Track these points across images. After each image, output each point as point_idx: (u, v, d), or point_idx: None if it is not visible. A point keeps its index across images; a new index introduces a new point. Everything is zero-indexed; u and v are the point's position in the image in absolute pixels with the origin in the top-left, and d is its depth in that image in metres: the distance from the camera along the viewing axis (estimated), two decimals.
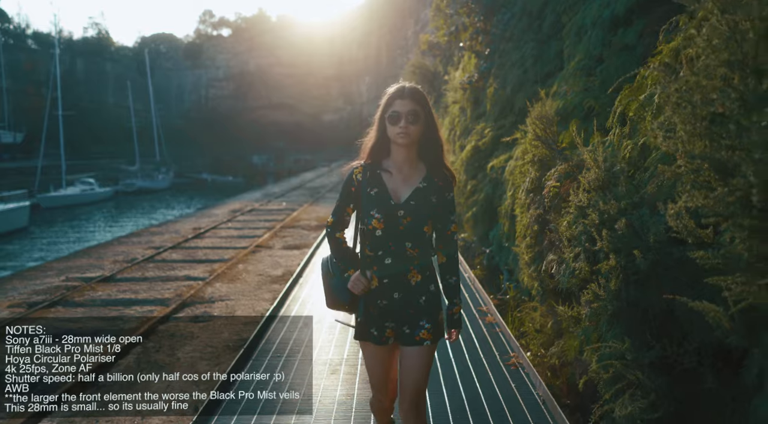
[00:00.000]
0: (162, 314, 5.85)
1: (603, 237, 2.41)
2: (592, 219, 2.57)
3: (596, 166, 2.61)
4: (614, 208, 2.45)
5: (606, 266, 2.39)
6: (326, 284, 2.07)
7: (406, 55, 39.94)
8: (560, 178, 3.20)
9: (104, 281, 7.55)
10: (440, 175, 1.99)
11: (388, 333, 2.00)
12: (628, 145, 2.65)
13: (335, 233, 2.05)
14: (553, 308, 3.48)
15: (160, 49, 71.23)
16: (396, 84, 2.00)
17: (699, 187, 1.59)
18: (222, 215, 15.19)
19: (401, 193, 1.95)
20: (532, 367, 3.50)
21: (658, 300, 2.26)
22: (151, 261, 8.96)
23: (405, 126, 1.90)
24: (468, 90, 10.21)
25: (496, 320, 4.57)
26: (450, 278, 2.04)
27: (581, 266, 2.70)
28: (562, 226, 2.96)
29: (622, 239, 2.36)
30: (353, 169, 2.01)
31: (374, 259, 1.96)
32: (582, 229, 2.68)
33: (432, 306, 2.00)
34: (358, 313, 2.02)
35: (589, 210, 2.61)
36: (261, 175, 48.25)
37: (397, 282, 1.95)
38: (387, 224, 1.92)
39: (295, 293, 5.81)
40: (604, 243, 2.42)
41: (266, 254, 9.33)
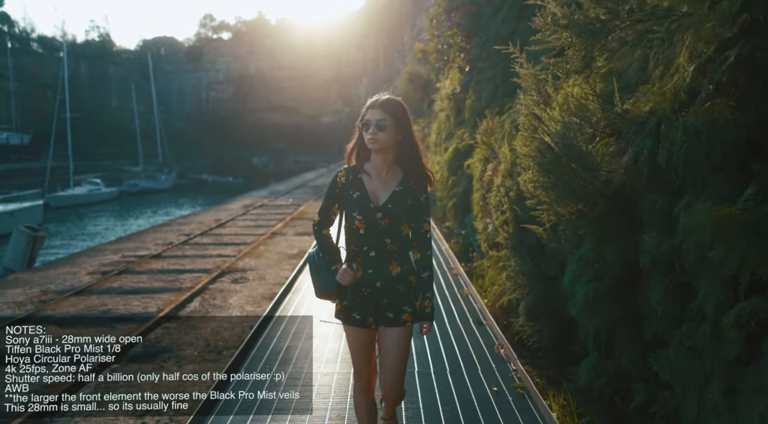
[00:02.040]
0: (209, 278, 7.60)
1: (505, 202, 4.18)
2: (502, 193, 4.34)
3: (505, 161, 4.38)
4: (512, 185, 4.22)
5: (506, 217, 4.15)
6: (314, 276, 2.24)
7: (403, 58, 41.15)
8: (493, 169, 4.96)
9: (154, 258, 9.32)
10: (415, 179, 2.18)
11: (370, 319, 2.18)
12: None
13: (322, 230, 2.23)
14: (491, 257, 5.24)
15: (161, 53, 71.92)
16: (377, 94, 2.20)
17: (526, 168, 3.36)
18: (236, 209, 17.04)
19: (380, 196, 2.15)
20: (478, 296, 5.27)
21: (533, 236, 4.02)
22: (186, 244, 10.74)
23: (373, 133, 2.09)
24: (452, 100, 11.99)
25: (458, 272, 6.36)
26: (423, 273, 2.21)
27: (498, 221, 4.47)
28: (491, 199, 4.73)
29: (514, 202, 4.12)
30: (337, 173, 2.22)
31: (359, 252, 2.17)
32: (498, 199, 4.45)
33: (412, 293, 2.20)
34: (346, 300, 2.20)
35: (501, 188, 4.38)
36: (262, 175, 49.59)
37: (379, 272, 2.15)
38: (368, 224, 2.13)
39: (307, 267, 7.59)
40: (506, 206, 4.19)
41: (282, 239, 11.11)
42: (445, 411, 3.23)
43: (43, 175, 36.73)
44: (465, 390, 3.52)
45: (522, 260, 4.06)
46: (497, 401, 3.37)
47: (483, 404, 3.33)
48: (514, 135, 4.52)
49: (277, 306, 5.53)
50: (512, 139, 4.83)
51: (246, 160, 56.93)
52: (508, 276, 4.29)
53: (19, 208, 20.47)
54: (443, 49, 13.30)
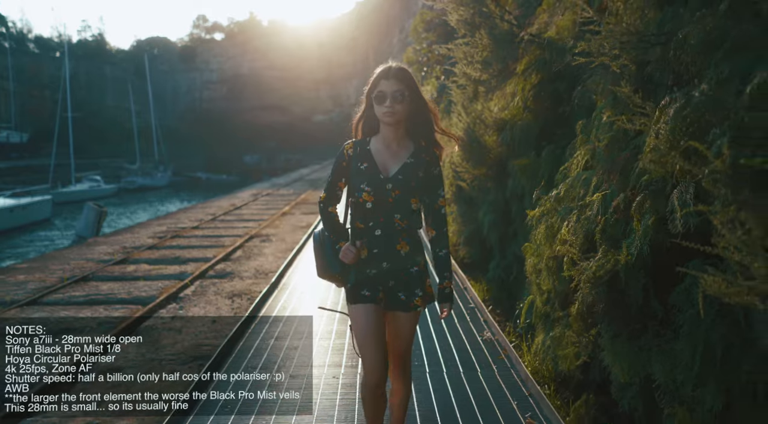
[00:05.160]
0: (242, 241, 10.10)
1: (449, 167, 6.73)
2: (458, 162, 6.87)
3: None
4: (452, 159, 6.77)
5: (450, 180, 6.70)
6: (318, 255, 2.14)
7: (392, 60, 43.17)
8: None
9: (194, 229, 11.83)
10: (428, 152, 2.08)
11: (380, 294, 2.07)
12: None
13: (328, 208, 2.14)
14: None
15: (154, 53, 72.70)
16: (384, 64, 2.08)
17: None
18: (246, 197, 19.61)
19: (390, 167, 2.04)
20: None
21: (465, 191, 6.56)
22: (215, 220, 13.27)
23: (390, 105, 1.98)
24: (431, 103, 14.53)
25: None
26: (440, 251, 2.12)
27: (447, 183, 7.01)
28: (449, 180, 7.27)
29: (455, 173, 6.66)
30: (344, 145, 2.11)
31: (365, 230, 2.05)
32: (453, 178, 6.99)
33: (423, 275, 2.11)
34: (349, 280, 2.08)
35: (446, 160, 6.92)
36: (255, 173, 51.50)
37: (386, 252, 2.04)
38: (376, 197, 2.01)
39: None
40: (450, 170, 6.74)
41: (291, 217, 13.65)
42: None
43: (43, 172, 37.89)
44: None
45: (460, 208, 6.61)
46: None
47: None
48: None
49: (292, 261, 7.94)
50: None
51: (239, 159, 58.20)
52: (454, 219, 6.85)
53: (31, 203, 22.24)
54: (423, 61, 15.86)
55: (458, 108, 5.88)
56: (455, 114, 6.01)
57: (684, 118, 1.51)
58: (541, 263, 3.15)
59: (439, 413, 2.99)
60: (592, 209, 2.58)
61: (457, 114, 5.94)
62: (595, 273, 2.31)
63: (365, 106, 2.11)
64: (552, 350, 3.20)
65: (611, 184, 2.52)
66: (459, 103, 5.89)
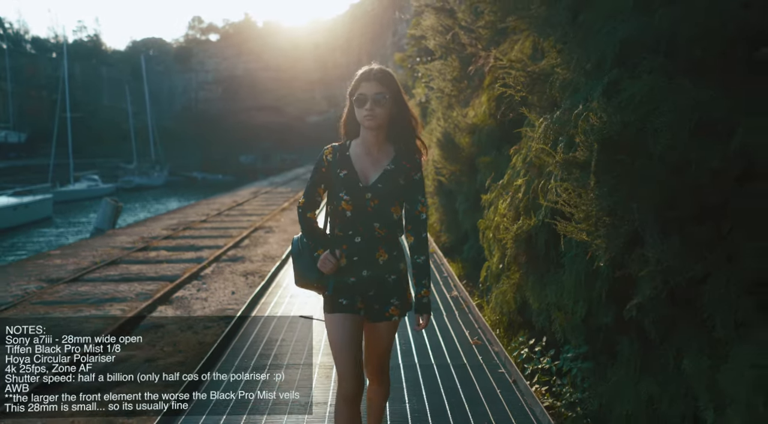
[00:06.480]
0: (248, 232, 11.17)
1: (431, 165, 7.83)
2: (438, 159, 7.98)
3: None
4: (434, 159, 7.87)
5: (432, 176, 7.80)
6: (295, 262, 2.09)
7: (386, 62, 44.00)
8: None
9: (202, 222, 12.90)
10: (408, 157, 2.04)
11: (359, 304, 2.03)
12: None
13: (306, 213, 2.09)
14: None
15: (150, 53, 72.83)
16: (366, 66, 2.02)
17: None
18: (246, 194, 20.71)
19: (370, 175, 2.00)
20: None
21: (445, 185, 7.64)
22: (220, 215, 14.35)
23: (371, 108, 1.94)
24: (420, 106, 15.71)
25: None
26: (419, 257, 2.08)
27: (429, 179, 8.11)
28: (429, 170, 8.37)
29: (436, 170, 7.75)
30: (324, 150, 2.05)
31: (344, 238, 2.01)
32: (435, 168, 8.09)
33: (401, 284, 2.07)
34: (328, 289, 2.03)
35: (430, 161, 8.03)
36: (251, 173, 52.23)
37: (365, 260, 2.00)
38: (355, 206, 1.97)
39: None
40: (432, 168, 7.84)
41: (290, 212, 14.73)
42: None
43: (41, 171, 38.24)
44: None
45: (441, 199, 7.71)
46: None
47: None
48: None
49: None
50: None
51: (235, 159, 58.65)
52: (436, 209, 7.95)
53: (33, 201, 22.65)
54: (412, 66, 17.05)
55: (438, 114, 6.98)
56: (435, 120, 7.11)
57: (546, 130, 2.60)
58: (489, 233, 4.25)
59: (400, 344, 4.08)
60: (519, 192, 3.68)
61: (437, 120, 7.04)
62: (516, 232, 3.41)
63: (347, 109, 2.07)
64: (500, 299, 4.30)
65: (532, 174, 3.61)
66: (438, 110, 6.99)
